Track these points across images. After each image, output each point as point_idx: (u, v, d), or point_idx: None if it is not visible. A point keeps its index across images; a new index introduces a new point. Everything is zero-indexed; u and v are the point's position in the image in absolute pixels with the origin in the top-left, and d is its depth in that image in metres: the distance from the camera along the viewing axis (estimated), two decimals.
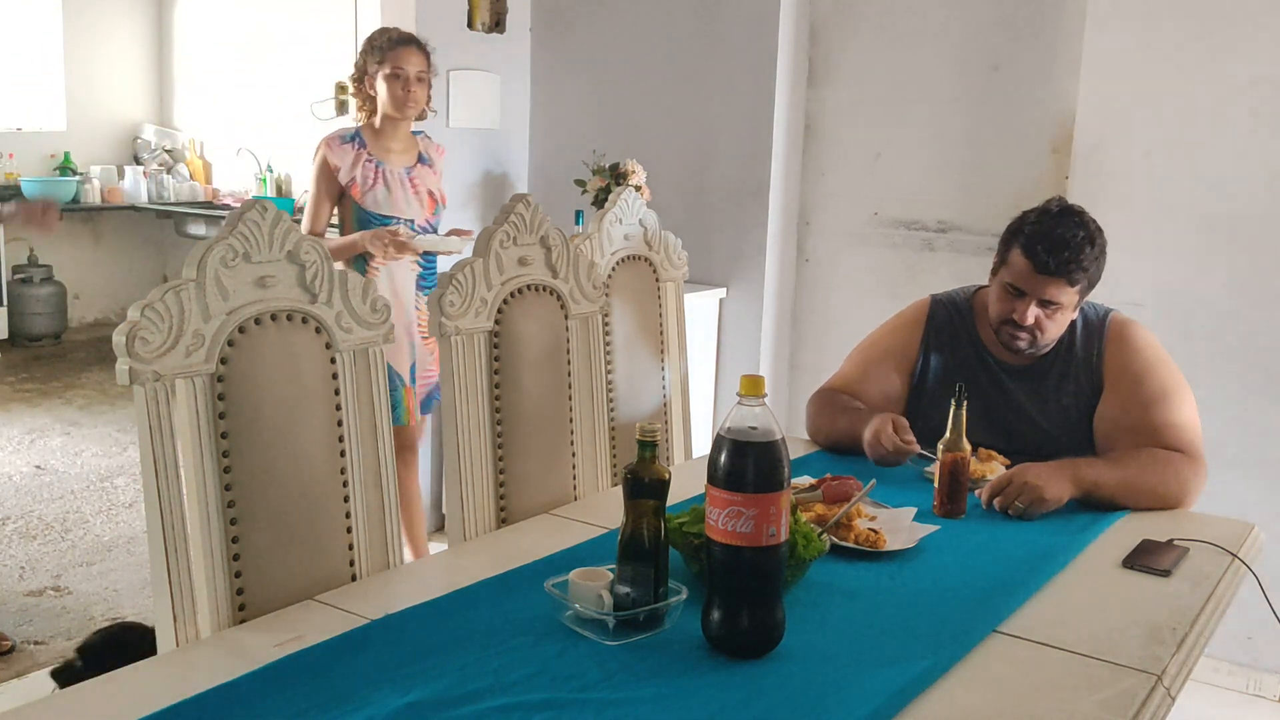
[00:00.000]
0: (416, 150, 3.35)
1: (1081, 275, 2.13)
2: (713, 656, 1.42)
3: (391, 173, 3.25)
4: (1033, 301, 2.15)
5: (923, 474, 2.17)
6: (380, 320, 1.83)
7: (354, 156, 3.22)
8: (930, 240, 3.82)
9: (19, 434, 5.17)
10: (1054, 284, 2.13)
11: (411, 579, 1.77)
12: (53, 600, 3.45)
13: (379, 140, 3.28)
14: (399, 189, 3.25)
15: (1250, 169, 3.09)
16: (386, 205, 3.23)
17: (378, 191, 3.22)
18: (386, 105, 3.25)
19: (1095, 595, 1.70)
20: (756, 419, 1.38)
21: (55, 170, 7.14)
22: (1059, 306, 2.16)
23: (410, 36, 3.32)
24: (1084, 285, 2.16)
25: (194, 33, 7.47)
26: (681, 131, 4.07)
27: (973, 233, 3.72)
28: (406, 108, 3.24)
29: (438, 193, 3.36)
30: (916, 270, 3.84)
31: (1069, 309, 2.18)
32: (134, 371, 1.51)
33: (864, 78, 3.88)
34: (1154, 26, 3.18)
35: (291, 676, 1.34)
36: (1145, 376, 2.18)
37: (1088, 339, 2.25)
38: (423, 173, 3.34)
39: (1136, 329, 2.26)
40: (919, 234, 3.84)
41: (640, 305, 2.59)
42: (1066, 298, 2.15)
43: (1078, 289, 2.15)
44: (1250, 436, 3.11)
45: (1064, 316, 2.19)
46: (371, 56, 3.26)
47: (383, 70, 3.22)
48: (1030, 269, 2.14)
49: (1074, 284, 2.14)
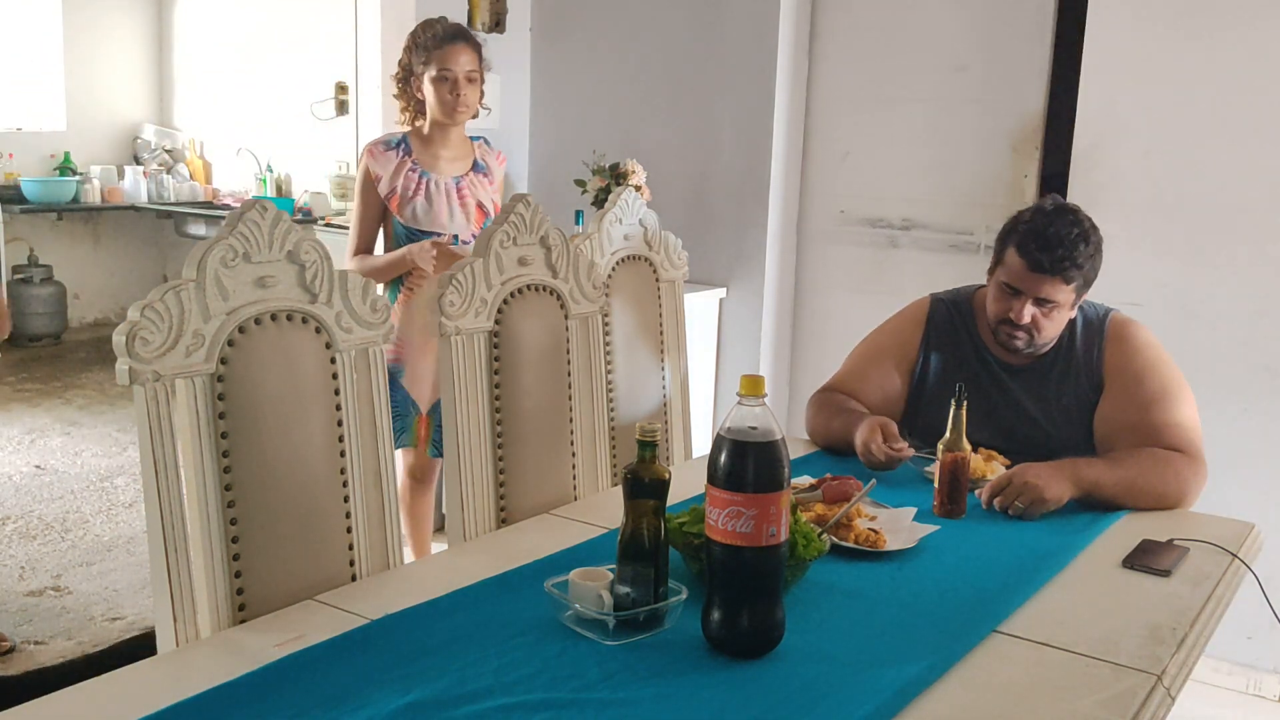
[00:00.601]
0: (472, 157, 3.06)
1: (1076, 273, 2.13)
2: (713, 656, 1.42)
3: (436, 183, 2.95)
4: (1029, 300, 2.15)
5: (923, 474, 2.17)
6: (380, 320, 1.83)
7: (397, 165, 2.93)
8: (895, 238, 3.88)
9: (19, 434, 5.17)
10: (1049, 282, 2.13)
11: (411, 579, 1.77)
12: (53, 600, 3.45)
13: (427, 147, 2.98)
14: (442, 200, 2.94)
15: (1250, 169, 3.09)
16: (426, 219, 2.93)
17: (416, 204, 2.92)
18: (435, 110, 2.95)
19: (1095, 595, 1.70)
20: (756, 419, 1.38)
21: (55, 170, 7.14)
22: (1055, 305, 2.16)
23: (459, 30, 2.98)
24: (1079, 283, 2.16)
25: (194, 33, 7.47)
26: (681, 131, 4.07)
27: (936, 230, 3.79)
28: (457, 113, 2.94)
29: (489, 204, 3.04)
30: (882, 267, 3.91)
31: (1066, 307, 2.18)
32: (134, 371, 1.51)
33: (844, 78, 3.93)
34: (1154, 26, 3.18)
35: (291, 676, 1.34)
36: (1145, 376, 2.19)
37: (1088, 338, 2.25)
38: (476, 182, 3.03)
39: (1137, 328, 2.26)
40: (884, 231, 3.90)
41: (640, 305, 2.59)
42: (1062, 296, 2.15)
43: (1073, 287, 2.15)
44: (1250, 436, 3.11)
45: (1061, 315, 2.18)
46: (417, 56, 2.95)
47: (429, 71, 2.91)
48: (1025, 268, 2.14)
49: (1069, 282, 2.14)
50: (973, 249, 3.69)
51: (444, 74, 2.91)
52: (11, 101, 7.00)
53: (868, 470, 2.12)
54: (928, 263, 3.76)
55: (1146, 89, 3.20)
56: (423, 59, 2.92)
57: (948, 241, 3.75)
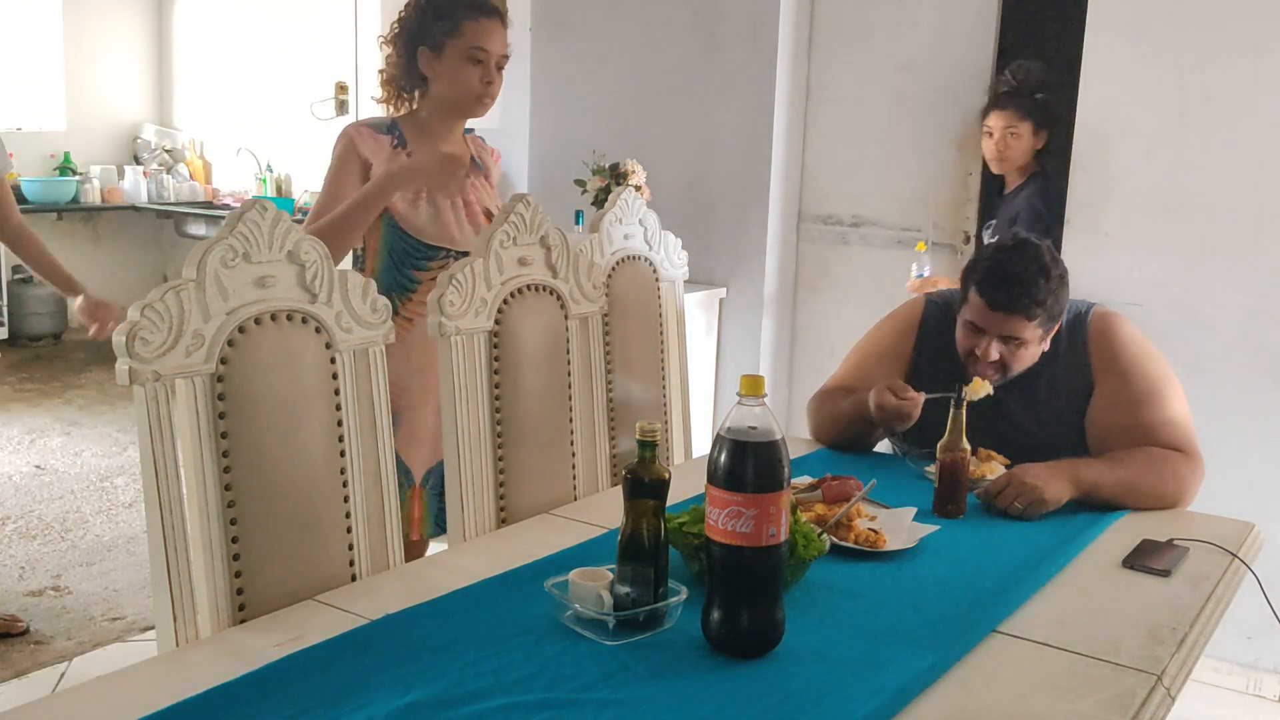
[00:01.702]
0: (468, 155, 2.43)
1: (1038, 310, 2.12)
2: (713, 656, 1.41)
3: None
4: (993, 338, 2.15)
5: (923, 474, 2.17)
6: (380, 320, 1.83)
7: (389, 156, 2.29)
8: (845, 235, 3.99)
9: (19, 434, 5.17)
10: (1011, 320, 2.13)
11: (411, 579, 1.77)
12: (53, 600, 3.45)
13: (424, 139, 2.33)
14: (447, 208, 2.34)
15: (1250, 169, 3.09)
16: (433, 230, 2.31)
17: (421, 211, 2.30)
18: (451, 95, 2.32)
19: (1095, 595, 1.70)
20: (756, 419, 1.38)
21: (55, 170, 7.14)
22: (1021, 341, 2.15)
23: (493, 3, 2.35)
24: (1043, 318, 2.14)
25: (194, 33, 7.47)
26: (681, 131, 4.08)
27: (884, 226, 3.90)
28: (483, 103, 2.33)
29: (494, 211, 2.40)
30: (831, 264, 4.02)
31: (1033, 343, 2.17)
32: (134, 371, 1.51)
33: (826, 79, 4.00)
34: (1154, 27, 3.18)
35: (291, 676, 1.34)
36: (1132, 375, 2.18)
37: (1072, 337, 2.24)
38: (479, 186, 2.42)
39: (1119, 322, 2.25)
40: (834, 228, 4.01)
41: (640, 305, 2.59)
42: (1028, 333, 2.14)
43: (1037, 323, 2.14)
44: (1250, 436, 3.11)
45: (1030, 350, 2.18)
46: (435, 22, 2.29)
47: (453, 44, 2.28)
48: (985, 306, 2.15)
49: (1031, 319, 2.13)
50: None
51: (476, 53, 2.28)
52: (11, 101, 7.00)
53: (868, 471, 2.12)
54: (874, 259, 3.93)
55: (1146, 89, 3.20)
56: (446, 28, 2.28)
57: (895, 238, 3.87)
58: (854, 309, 3.91)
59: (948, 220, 3.79)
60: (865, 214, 3.94)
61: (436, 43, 2.29)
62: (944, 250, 3.79)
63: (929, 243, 3.64)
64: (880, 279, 3.88)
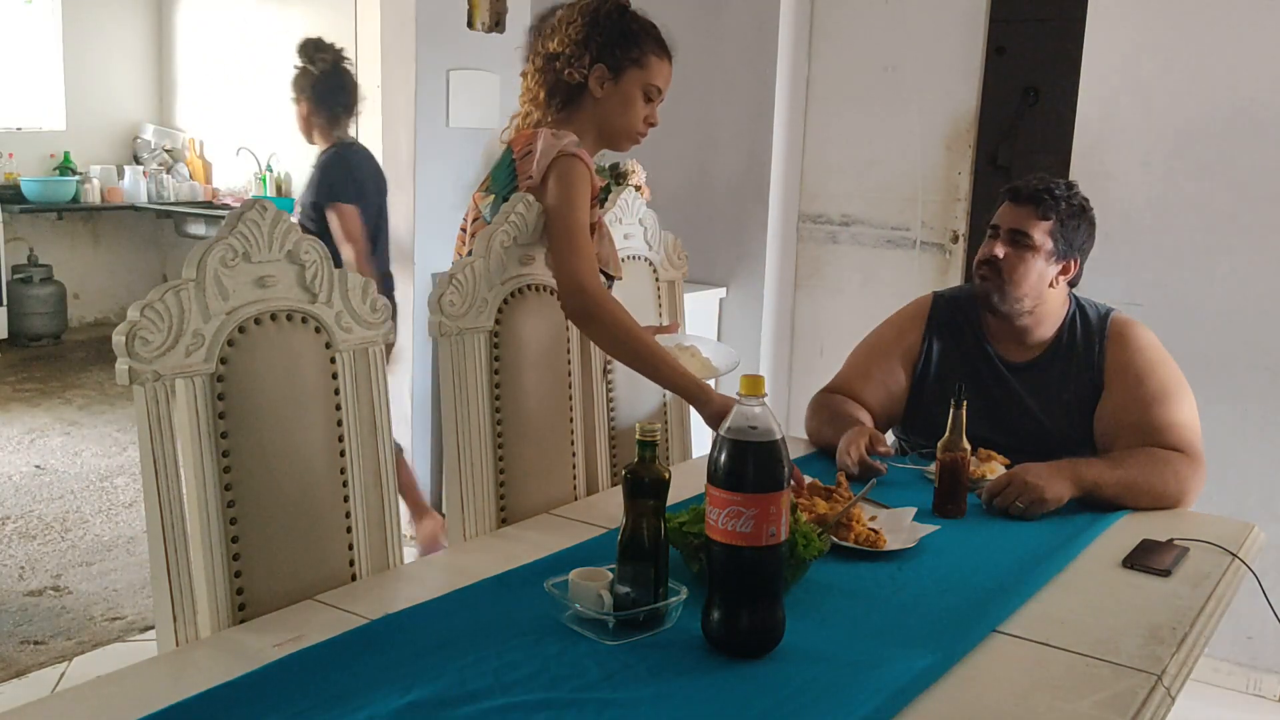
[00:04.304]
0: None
1: (1052, 208, 2.18)
2: (713, 656, 1.41)
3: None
4: (1004, 236, 2.21)
5: (923, 474, 2.17)
6: (380, 320, 1.83)
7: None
8: (834, 234, 4.02)
9: (19, 434, 5.17)
10: (1025, 213, 2.19)
11: (411, 579, 1.77)
12: (53, 600, 3.45)
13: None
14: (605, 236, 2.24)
15: (1250, 168, 3.09)
16: (610, 260, 2.21)
17: (604, 237, 2.19)
18: (613, 124, 2.20)
19: (1095, 595, 1.70)
20: (756, 419, 1.38)
21: (55, 170, 7.14)
22: (1029, 246, 2.19)
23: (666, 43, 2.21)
24: (1055, 225, 2.19)
25: (194, 33, 7.47)
26: (681, 131, 4.07)
27: (873, 225, 3.93)
28: (636, 141, 2.24)
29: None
30: (820, 263, 4.04)
31: (1040, 253, 2.20)
32: (134, 371, 1.51)
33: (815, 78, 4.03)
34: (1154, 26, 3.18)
35: (291, 676, 1.34)
36: (1145, 376, 2.19)
37: (1088, 338, 2.26)
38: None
39: (1137, 328, 2.26)
40: (824, 227, 4.04)
41: (640, 305, 2.59)
42: (1037, 234, 2.18)
43: (1049, 226, 2.18)
44: (1250, 436, 3.11)
45: (1033, 264, 2.20)
46: (621, 45, 2.14)
47: (635, 75, 2.15)
48: (1007, 204, 2.23)
49: (1044, 218, 2.18)
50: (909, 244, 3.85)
51: (651, 90, 2.18)
52: (11, 101, 7.01)
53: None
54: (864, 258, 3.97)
55: (1147, 89, 3.21)
56: (633, 55, 2.14)
57: (884, 237, 3.91)
58: (843, 308, 3.95)
59: (937, 219, 3.80)
60: (854, 213, 3.97)
61: (618, 65, 2.15)
62: (933, 250, 3.80)
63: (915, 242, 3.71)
64: (870, 278, 3.90)
